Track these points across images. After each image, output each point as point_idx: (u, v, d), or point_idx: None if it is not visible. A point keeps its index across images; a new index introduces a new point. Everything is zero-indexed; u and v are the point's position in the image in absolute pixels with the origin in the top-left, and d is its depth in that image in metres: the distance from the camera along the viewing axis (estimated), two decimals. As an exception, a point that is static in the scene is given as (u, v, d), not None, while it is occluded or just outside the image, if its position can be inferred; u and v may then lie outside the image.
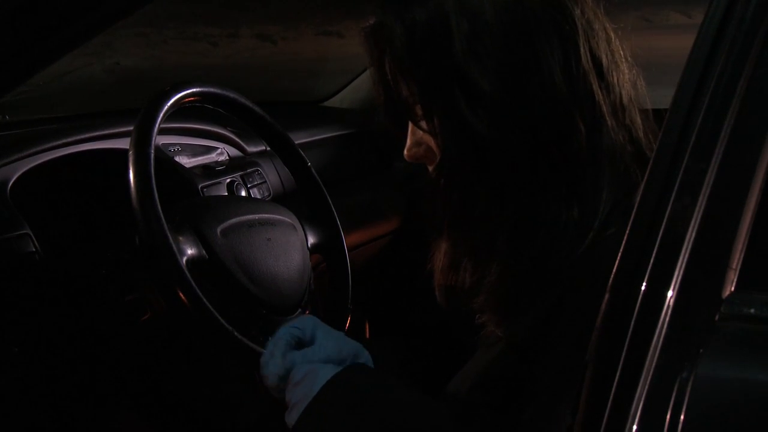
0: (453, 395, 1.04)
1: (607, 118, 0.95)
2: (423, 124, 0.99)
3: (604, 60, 0.95)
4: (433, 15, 0.94)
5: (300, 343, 1.04)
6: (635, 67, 1.01)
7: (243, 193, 1.74)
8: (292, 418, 0.97)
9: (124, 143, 1.57)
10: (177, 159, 1.69)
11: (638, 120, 0.99)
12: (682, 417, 0.68)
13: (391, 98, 1.00)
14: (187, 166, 1.71)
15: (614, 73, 0.97)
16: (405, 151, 1.05)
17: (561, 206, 0.94)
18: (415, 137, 1.03)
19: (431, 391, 1.13)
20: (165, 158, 1.66)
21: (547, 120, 0.93)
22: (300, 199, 1.49)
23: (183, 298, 1.12)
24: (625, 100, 0.98)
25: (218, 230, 1.25)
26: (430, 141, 1.00)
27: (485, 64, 0.92)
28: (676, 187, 0.73)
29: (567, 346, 0.91)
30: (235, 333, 1.14)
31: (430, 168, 1.04)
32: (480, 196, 0.97)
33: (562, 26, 0.93)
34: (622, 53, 0.99)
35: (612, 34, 0.99)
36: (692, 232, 0.72)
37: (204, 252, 1.22)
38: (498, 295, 1.00)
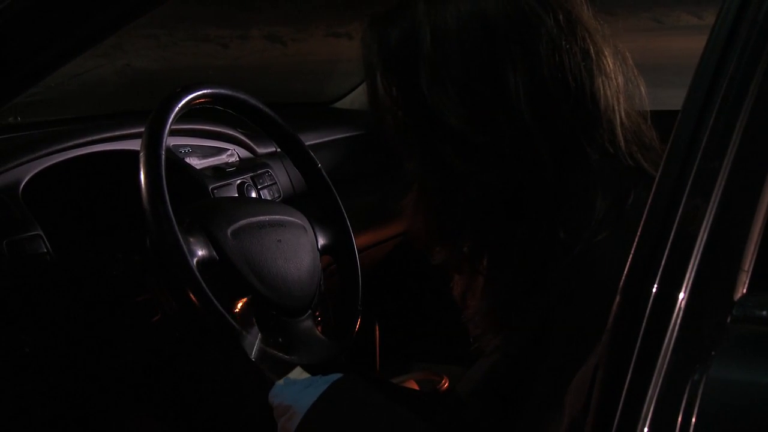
0: (454, 402, 1.04)
1: (579, 134, 0.93)
2: (400, 145, 0.99)
3: (571, 79, 0.92)
4: (404, 36, 0.94)
5: None
6: (633, 70, 0.99)
7: (253, 195, 1.74)
8: None
9: (135, 144, 1.58)
10: (187, 160, 1.70)
11: (618, 128, 0.96)
12: (693, 419, 0.68)
13: (376, 116, 1.00)
14: (198, 167, 1.71)
15: (586, 89, 0.93)
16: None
17: (541, 226, 0.93)
18: None
19: (437, 395, 1.14)
20: (176, 159, 1.66)
21: (514, 149, 0.91)
22: (310, 201, 1.49)
23: (193, 299, 1.12)
24: (601, 109, 0.95)
25: (228, 231, 1.25)
26: None
27: (449, 93, 0.91)
28: (687, 188, 0.73)
29: (559, 354, 0.91)
30: (245, 334, 1.14)
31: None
32: (456, 220, 0.96)
33: (525, 47, 0.91)
34: (608, 63, 0.96)
35: (591, 45, 0.95)
36: (704, 233, 0.71)
37: (214, 253, 1.22)
38: (484, 310, 1.00)
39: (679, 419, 0.68)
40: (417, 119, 0.94)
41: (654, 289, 0.72)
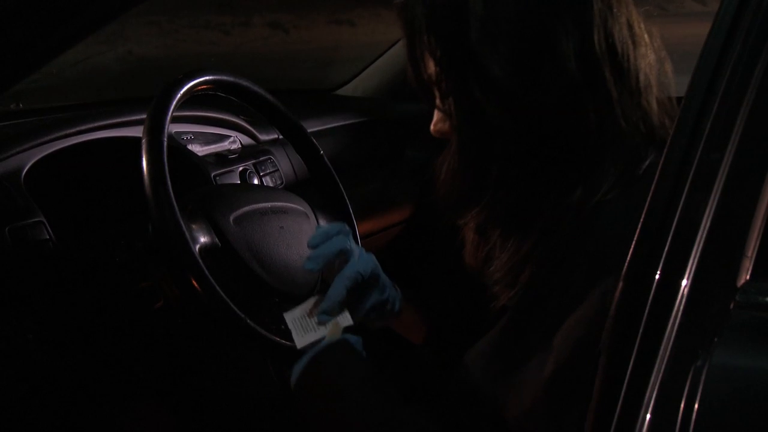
0: (458, 375, 1.05)
1: (616, 106, 0.95)
2: (440, 104, 1.00)
3: (619, 46, 0.95)
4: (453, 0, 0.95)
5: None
6: (662, 52, 1.01)
7: (255, 182, 1.74)
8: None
9: (137, 131, 1.58)
10: (190, 147, 1.70)
11: (654, 105, 0.99)
12: (696, 405, 0.68)
13: (417, 75, 1.01)
14: (200, 154, 1.71)
15: (630, 58, 0.96)
16: (431, 126, 1.06)
17: (568, 188, 0.95)
18: (440, 113, 1.04)
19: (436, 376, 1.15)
20: (178, 146, 1.66)
21: (558, 106, 0.93)
22: (312, 188, 1.49)
23: (196, 285, 1.12)
24: (641, 84, 0.97)
25: (231, 218, 1.25)
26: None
27: (498, 49, 0.92)
28: (691, 175, 0.72)
29: (553, 313, 0.92)
30: (248, 321, 1.14)
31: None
32: (490, 177, 0.97)
33: (578, 11, 0.93)
34: (646, 38, 0.99)
35: (635, 18, 0.98)
36: (707, 220, 0.71)
37: (217, 240, 1.22)
38: (506, 267, 1.01)
39: (682, 405, 0.68)
40: (461, 73, 0.95)
41: (657, 276, 0.72)
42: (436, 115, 1.05)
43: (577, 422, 0.84)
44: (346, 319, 1.18)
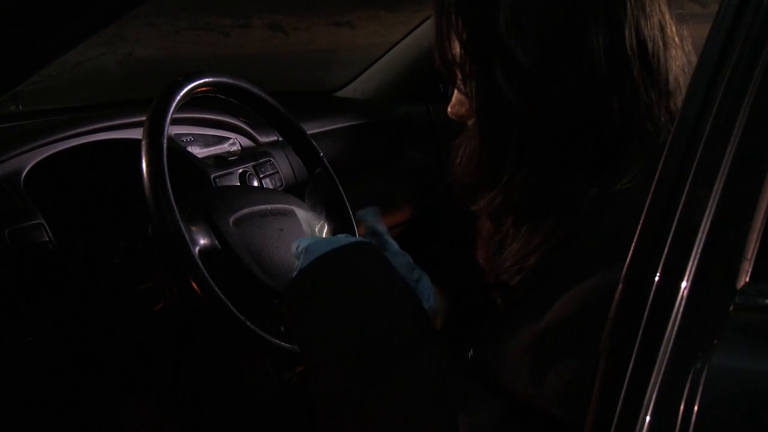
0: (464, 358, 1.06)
1: (643, 106, 0.94)
2: (462, 86, 1.00)
3: (650, 45, 0.94)
4: None
5: None
6: (693, 56, 1.01)
7: (255, 184, 1.74)
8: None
9: (136, 133, 1.58)
10: (189, 149, 1.70)
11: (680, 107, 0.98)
12: (695, 408, 0.68)
13: (441, 54, 1.01)
14: (200, 156, 1.71)
15: (661, 59, 0.95)
16: (449, 108, 1.06)
17: (585, 182, 0.95)
18: (459, 95, 1.04)
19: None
20: (177, 148, 1.66)
21: (582, 100, 0.93)
22: (312, 189, 1.49)
23: (195, 287, 1.12)
24: (671, 87, 0.97)
25: (230, 220, 1.25)
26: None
27: (526, 37, 0.92)
28: (690, 177, 0.72)
29: (550, 291, 0.92)
30: (248, 323, 1.14)
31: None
32: (507, 164, 0.97)
33: (610, 7, 0.92)
34: (677, 40, 0.98)
35: (668, 20, 0.98)
36: (707, 221, 0.71)
37: (216, 242, 1.22)
38: (517, 257, 1.02)
39: (682, 407, 0.68)
40: (486, 57, 0.95)
41: (656, 278, 0.72)
42: (455, 97, 1.05)
43: (553, 398, 0.85)
44: None
